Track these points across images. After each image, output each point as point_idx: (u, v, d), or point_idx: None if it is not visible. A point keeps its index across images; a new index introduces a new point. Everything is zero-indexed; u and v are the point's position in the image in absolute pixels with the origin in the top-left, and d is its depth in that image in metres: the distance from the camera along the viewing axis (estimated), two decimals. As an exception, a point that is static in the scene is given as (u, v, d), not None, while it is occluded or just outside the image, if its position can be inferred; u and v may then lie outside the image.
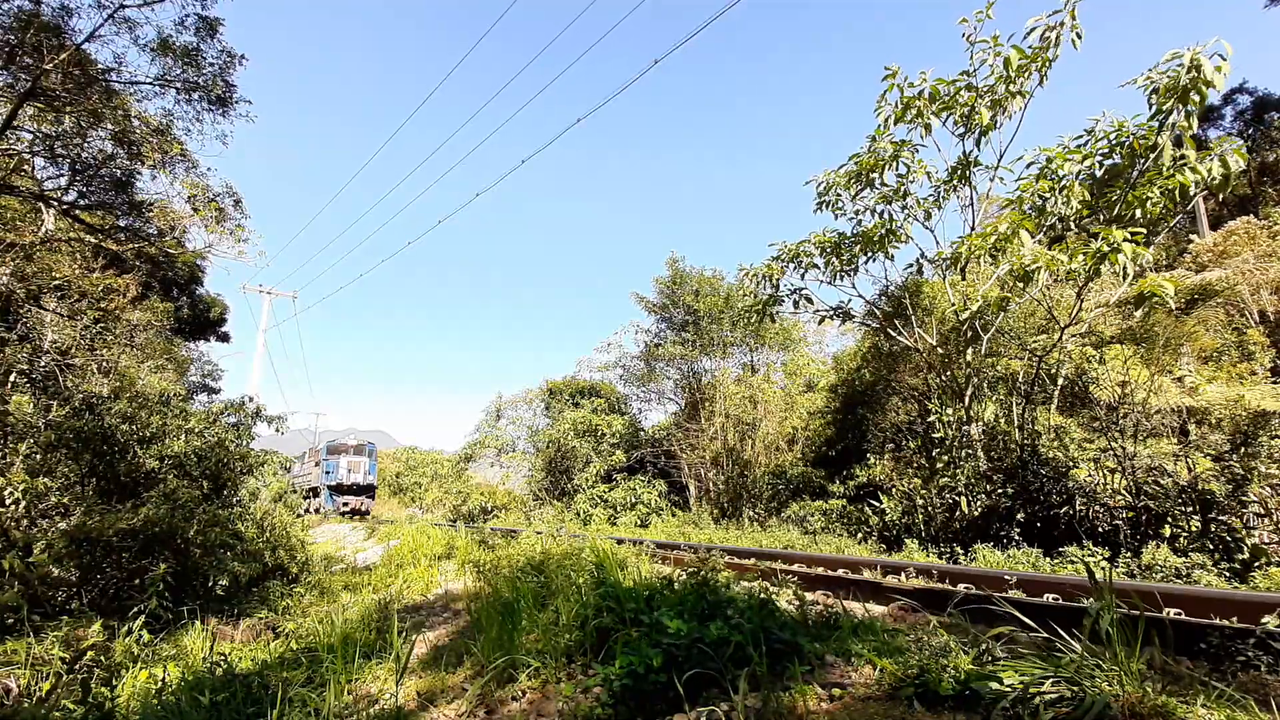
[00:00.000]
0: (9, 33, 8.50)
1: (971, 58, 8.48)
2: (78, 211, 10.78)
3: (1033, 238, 7.92)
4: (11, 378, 9.46)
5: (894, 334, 10.55)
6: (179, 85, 10.09)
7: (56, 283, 11.09)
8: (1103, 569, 5.83)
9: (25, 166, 10.62)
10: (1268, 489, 6.19)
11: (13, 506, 5.33)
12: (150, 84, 9.98)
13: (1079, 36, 7.94)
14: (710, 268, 19.23)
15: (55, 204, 10.37)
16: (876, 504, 10.08)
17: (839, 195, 9.96)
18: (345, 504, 27.50)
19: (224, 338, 27.84)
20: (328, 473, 27.92)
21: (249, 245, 12.65)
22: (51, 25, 8.70)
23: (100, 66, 9.59)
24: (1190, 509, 6.40)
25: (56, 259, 11.41)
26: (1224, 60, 6.81)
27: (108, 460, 6.69)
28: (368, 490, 28.90)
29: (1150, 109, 7.40)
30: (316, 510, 28.25)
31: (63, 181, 11.03)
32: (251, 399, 9.60)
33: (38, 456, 6.34)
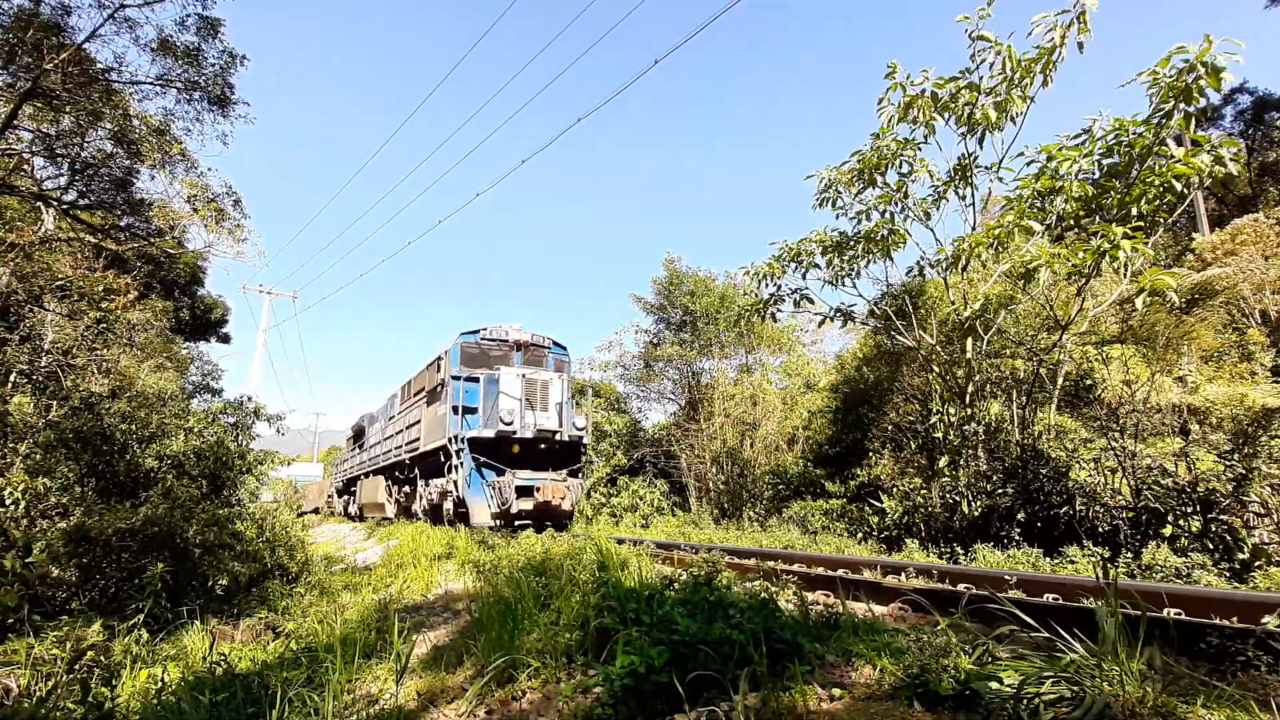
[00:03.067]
0: (9, 32, 8.50)
1: (973, 56, 8.45)
2: (77, 211, 10.79)
3: (1040, 228, 7.89)
4: (12, 378, 9.46)
5: (895, 334, 10.55)
6: (180, 85, 10.10)
7: (59, 283, 11.09)
8: (1103, 569, 5.82)
9: (25, 166, 10.62)
10: (1268, 488, 6.18)
11: (12, 506, 5.33)
12: (151, 84, 9.99)
13: (1080, 46, 7.90)
14: (706, 269, 19.34)
15: (55, 204, 10.37)
16: (877, 504, 10.07)
17: (840, 193, 9.94)
18: (526, 488, 11.06)
19: (225, 339, 27.84)
20: (464, 411, 11.67)
21: (249, 245, 12.68)
22: (51, 24, 8.70)
23: (100, 66, 9.60)
24: (1190, 509, 6.40)
25: (56, 259, 11.42)
26: (1234, 56, 6.77)
27: (107, 460, 6.69)
28: (571, 453, 12.14)
29: (1150, 106, 7.38)
30: (448, 513, 12.42)
31: (62, 181, 11.04)
32: (250, 399, 9.60)
33: (37, 456, 6.34)
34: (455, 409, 11.77)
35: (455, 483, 11.74)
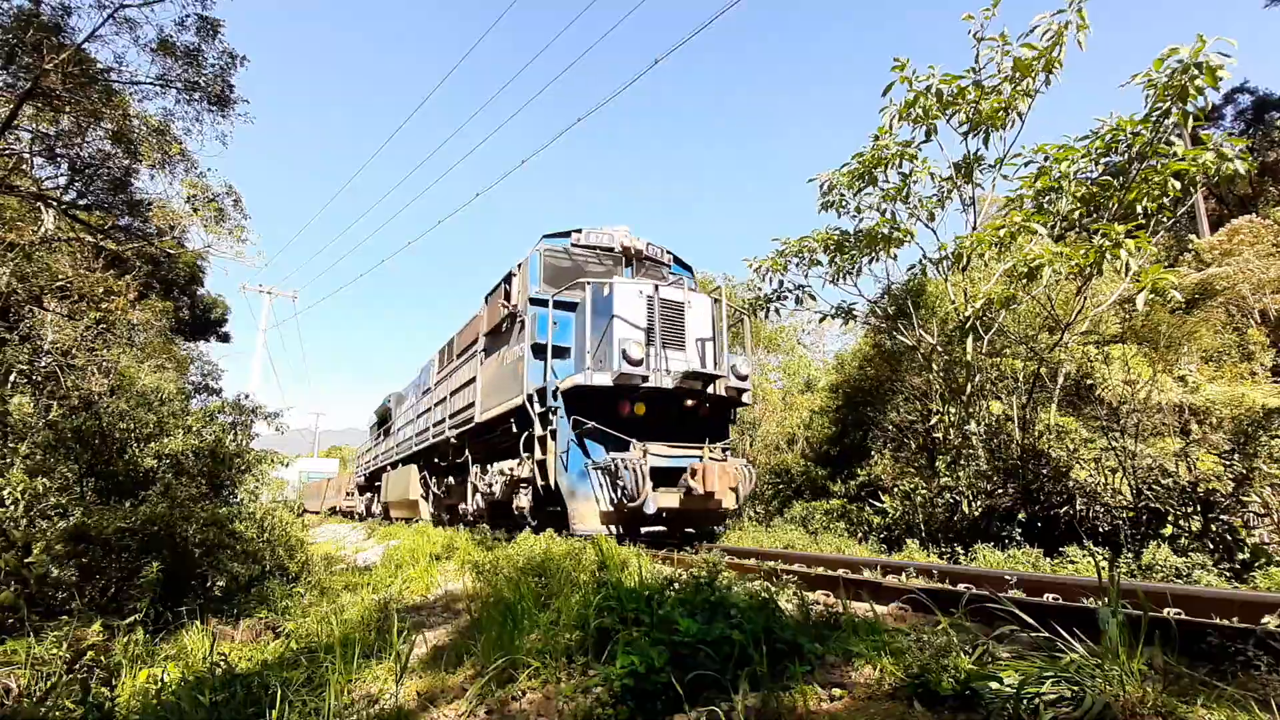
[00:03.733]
0: (9, 32, 8.50)
1: (978, 55, 8.43)
2: (77, 211, 10.79)
3: (1044, 231, 7.90)
4: (12, 378, 9.46)
5: (896, 333, 10.55)
6: (179, 85, 10.11)
7: (59, 283, 11.09)
8: (1104, 568, 5.82)
9: (24, 166, 10.63)
10: (1268, 488, 6.18)
11: (12, 506, 5.33)
12: (151, 84, 10.00)
13: (1080, 43, 7.88)
14: (704, 271, 19.37)
15: (54, 204, 10.38)
16: (878, 503, 10.07)
17: (842, 195, 9.93)
18: (669, 471, 6.70)
19: (224, 338, 27.87)
20: (554, 353, 7.34)
21: (248, 245, 12.70)
22: (51, 25, 8.71)
23: (100, 66, 9.60)
24: (1191, 509, 6.39)
25: (56, 259, 11.43)
26: (1227, 56, 6.78)
27: (106, 459, 6.69)
28: (721, 417, 7.87)
29: (1147, 106, 7.39)
30: (521, 512, 8.07)
31: (62, 181, 11.04)
32: (249, 397, 9.60)
33: (37, 456, 6.34)
34: (537, 349, 7.49)
35: (542, 464, 7.26)
